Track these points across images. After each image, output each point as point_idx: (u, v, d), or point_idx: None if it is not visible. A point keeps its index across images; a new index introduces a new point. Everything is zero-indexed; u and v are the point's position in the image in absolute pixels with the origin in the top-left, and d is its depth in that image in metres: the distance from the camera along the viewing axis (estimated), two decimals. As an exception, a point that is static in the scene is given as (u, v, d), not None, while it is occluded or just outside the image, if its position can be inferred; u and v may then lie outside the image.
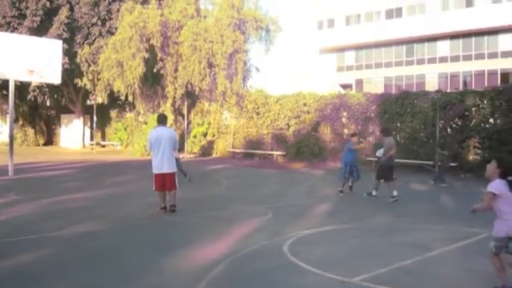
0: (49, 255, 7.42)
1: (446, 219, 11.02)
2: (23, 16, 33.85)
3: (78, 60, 33.13)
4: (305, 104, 29.37)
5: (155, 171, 10.94)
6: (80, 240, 8.44)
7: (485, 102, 22.09)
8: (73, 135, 41.42)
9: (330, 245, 8.40)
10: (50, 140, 46.09)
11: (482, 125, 22.08)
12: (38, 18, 33.23)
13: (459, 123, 22.82)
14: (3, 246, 7.87)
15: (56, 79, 20.49)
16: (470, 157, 22.01)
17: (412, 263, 7.15)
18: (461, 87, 43.68)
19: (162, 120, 11.37)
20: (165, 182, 10.91)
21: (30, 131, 44.98)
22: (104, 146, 42.37)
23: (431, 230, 9.71)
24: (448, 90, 28.43)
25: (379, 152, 15.09)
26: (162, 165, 10.85)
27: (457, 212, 12.50)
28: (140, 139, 31.59)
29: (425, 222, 10.60)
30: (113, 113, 42.88)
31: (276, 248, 7.97)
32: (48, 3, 33.63)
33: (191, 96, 30.45)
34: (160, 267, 6.85)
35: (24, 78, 20.12)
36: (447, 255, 7.76)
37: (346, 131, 27.20)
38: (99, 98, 35.06)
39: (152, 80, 29.39)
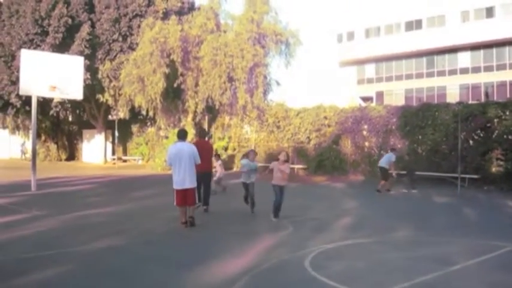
0: (69, 271, 7.43)
1: (468, 232, 10.90)
2: (45, 33, 34.31)
3: (99, 76, 33.47)
4: (326, 117, 29.32)
5: (177, 186, 10.94)
6: (101, 255, 8.47)
7: (507, 113, 21.87)
8: (95, 150, 41.73)
9: (351, 260, 8.35)
10: (72, 155, 46.49)
11: (504, 136, 21.85)
12: (60, 35, 33.65)
13: (481, 135, 22.62)
14: (24, 261, 7.90)
15: (78, 95, 20.68)
16: (493, 169, 21.78)
17: (434, 278, 7.07)
18: (483, 99, 43.33)
19: (182, 135, 11.40)
20: (186, 197, 10.93)
21: (53, 146, 45.44)
22: (125, 161, 42.62)
23: (452, 243, 9.60)
24: (470, 102, 28.23)
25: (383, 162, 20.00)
26: (184, 181, 10.86)
27: (479, 225, 12.37)
28: (161, 154, 31.70)
29: (447, 235, 10.49)
30: (134, 128, 43.13)
31: (297, 262, 7.93)
32: (70, 20, 34.05)
33: (212, 111, 30.53)
34: (181, 282, 6.85)
35: (47, 94, 20.31)
36: (469, 270, 7.66)
37: (367, 143, 27.09)
38: (121, 113, 35.28)
39: (173, 95, 29.54)
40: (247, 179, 13.65)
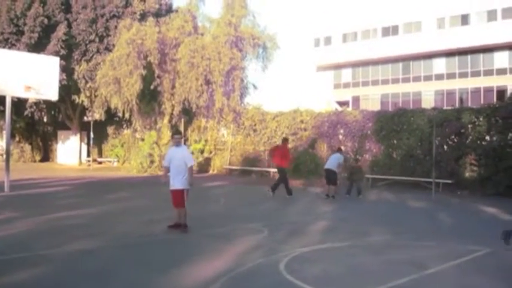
0: (44, 274, 7.37)
1: (442, 236, 11.01)
2: (20, 32, 33.91)
3: (75, 76, 33.16)
4: (302, 121, 29.45)
5: (170, 187, 11.00)
6: (76, 258, 8.39)
7: (481, 119, 22.17)
8: (70, 152, 41.29)
9: (326, 263, 8.38)
10: (46, 156, 45.98)
11: (478, 142, 22.15)
12: (35, 35, 33.28)
13: (455, 140, 22.90)
14: (-2, 263, 7.83)
15: (53, 95, 20.46)
16: (467, 174, 22.06)
17: (408, 281, 7.13)
18: (457, 105, 43.90)
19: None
20: (173, 198, 10.92)
21: (27, 147, 44.86)
22: (100, 163, 42.32)
23: (427, 247, 9.70)
24: (445, 108, 28.54)
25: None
26: (171, 181, 10.90)
27: (453, 229, 12.51)
28: (137, 156, 31.51)
29: (422, 239, 10.58)
30: (110, 130, 42.87)
31: (272, 266, 7.94)
32: (46, 20, 33.70)
33: (188, 113, 30.45)
34: (156, 285, 6.82)
35: (22, 94, 20.06)
36: (443, 274, 7.74)
37: (343, 148, 27.22)
38: (96, 114, 35.02)
39: (149, 97, 29.40)
40: None
